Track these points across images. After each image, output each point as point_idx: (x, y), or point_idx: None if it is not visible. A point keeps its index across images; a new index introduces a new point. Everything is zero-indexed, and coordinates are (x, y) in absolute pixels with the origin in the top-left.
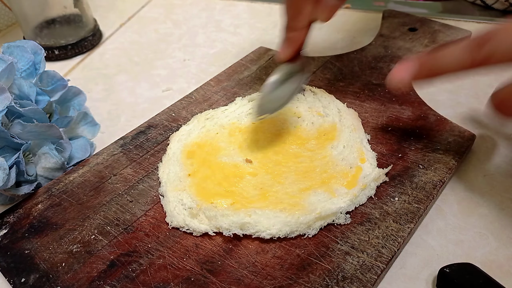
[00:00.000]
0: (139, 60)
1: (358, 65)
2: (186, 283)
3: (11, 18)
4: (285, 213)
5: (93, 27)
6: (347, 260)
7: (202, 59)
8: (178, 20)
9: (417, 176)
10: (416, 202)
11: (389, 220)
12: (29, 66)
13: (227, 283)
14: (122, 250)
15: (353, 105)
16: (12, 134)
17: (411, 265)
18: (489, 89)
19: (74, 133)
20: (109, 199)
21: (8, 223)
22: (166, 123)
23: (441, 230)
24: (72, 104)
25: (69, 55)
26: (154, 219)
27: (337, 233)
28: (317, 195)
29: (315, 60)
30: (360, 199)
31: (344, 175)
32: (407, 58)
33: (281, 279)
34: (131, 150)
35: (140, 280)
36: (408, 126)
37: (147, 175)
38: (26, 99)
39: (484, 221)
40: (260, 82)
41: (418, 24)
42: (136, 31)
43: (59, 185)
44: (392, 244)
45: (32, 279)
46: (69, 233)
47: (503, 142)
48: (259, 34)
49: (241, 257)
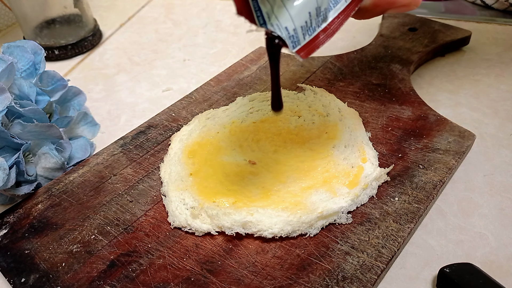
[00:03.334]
0: (139, 60)
1: (358, 65)
2: (186, 283)
3: (11, 18)
4: (287, 212)
5: (93, 27)
6: (347, 260)
7: (202, 59)
8: (178, 20)
9: (417, 176)
10: (416, 202)
11: (389, 220)
12: (29, 66)
13: (227, 283)
14: (122, 250)
15: (353, 105)
16: (12, 134)
17: (411, 265)
18: (489, 89)
19: (74, 133)
20: (109, 199)
21: (8, 223)
22: (166, 123)
23: (441, 230)
24: (72, 104)
25: (69, 55)
26: (154, 219)
27: (337, 233)
28: (319, 194)
29: (315, 60)
30: (361, 198)
31: (345, 174)
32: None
33: (281, 279)
34: (131, 150)
35: (140, 280)
36: (408, 126)
37: (147, 175)
38: (26, 99)
39: (484, 221)
40: (260, 82)
41: (418, 24)
42: (136, 31)
43: (59, 185)
44: (392, 244)
45: (32, 279)
46: (69, 233)
47: (503, 142)
48: (259, 34)
49: (241, 257)
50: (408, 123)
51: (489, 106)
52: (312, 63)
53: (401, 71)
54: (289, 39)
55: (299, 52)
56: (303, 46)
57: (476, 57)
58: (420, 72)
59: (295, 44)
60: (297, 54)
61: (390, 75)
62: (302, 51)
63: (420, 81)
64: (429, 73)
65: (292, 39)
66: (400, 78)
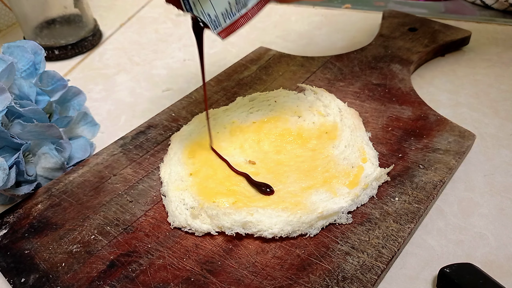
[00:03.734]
0: (139, 60)
1: (358, 65)
2: (186, 283)
3: (11, 18)
4: (287, 212)
5: (93, 27)
6: (347, 260)
7: None
8: (178, 20)
9: (417, 176)
10: (416, 202)
11: (389, 220)
12: (29, 66)
13: (227, 283)
14: (122, 250)
15: (353, 105)
16: (12, 134)
17: (411, 265)
18: (489, 89)
19: (74, 133)
20: (109, 199)
21: (8, 223)
22: (166, 123)
23: (441, 230)
24: (72, 104)
25: (69, 55)
26: (154, 219)
27: (337, 233)
28: (319, 195)
29: (315, 60)
30: (361, 198)
31: (346, 174)
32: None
33: (281, 279)
34: (131, 150)
35: (140, 280)
36: (408, 126)
37: (147, 175)
38: (26, 99)
39: (484, 221)
40: (260, 82)
41: (418, 24)
42: (136, 31)
43: (59, 185)
44: (392, 244)
45: (32, 279)
46: (69, 233)
47: (503, 142)
48: (259, 34)
49: (241, 257)
50: (408, 123)
51: (489, 106)
52: (312, 63)
53: (401, 71)
54: (211, 23)
55: (220, 34)
56: (224, 29)
57: (476, 57)
58: (420, 72)
59: (216, 27)
60: (218, 35)
61: (390, 75)
62: (222, 33)
63: (420, 81)
64: (429, 73)
65: (214, 23)
66: (400, 78)
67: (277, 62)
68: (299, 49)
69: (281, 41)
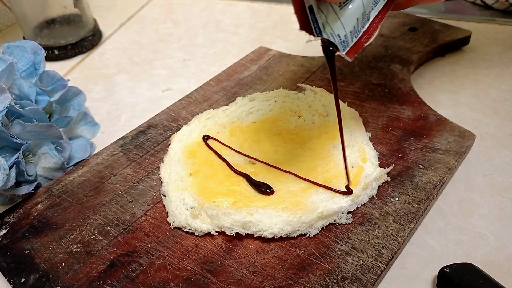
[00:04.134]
0: (139, 60)
1: (358, 65)
2: (186, 283)
3: (11, 18)
4: (287, 212)
5: (93, 27)
6: (347, 260)
7: (202, 59)
8: (178, 20)
9: (417, 176)
10: (416, 202)
11: (389, 220)
12: (29, 66)
13: (227, 283)
14: (122, 250)
15: (353, 105)
16: (12, 134)
17: (411, 265)
18: (489, 89)
19: (74, 133)
20: (109, 199)
21: (8, 223)
22: (166, 123)
23: (441, 230)
24: (72, 104)
25: (69, 55)
26: (154, 219)
27: (337, 233)
28: (319, 194)
29: (315, 60)
30: (361, 198)
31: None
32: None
33: (281, 279)
34: (131, 150)
35: (140, 280)
36: (408, 126)
37: (147, 175)
38: (26, 99)
39: (484, 221)
40: (260, 82)
41: (418, 24)
42: (136, 31)
43: (59, 185)
44: (392, 244)
45: (32, 279)
46: (69, 233)
47: (503, 142)
48: (259, 34)
49: (241, 257)
50: (408, 123)
51: (489, 106)
52: (312, 63)
53: (401, 71)
54: (341, 44)
55: (347, 54)
56: (351, 48)
57: (476, 57)
58: (420, 72)
59: (345, 48)
60: (346, 55)
61: (390, 75)
62: (350, 52)
63: (420, 81)
64: (429, 73)
65: (343, 43)
66: (400, 78)
67: (277, 62)
68: (299, 49)
69: (281, 41)
